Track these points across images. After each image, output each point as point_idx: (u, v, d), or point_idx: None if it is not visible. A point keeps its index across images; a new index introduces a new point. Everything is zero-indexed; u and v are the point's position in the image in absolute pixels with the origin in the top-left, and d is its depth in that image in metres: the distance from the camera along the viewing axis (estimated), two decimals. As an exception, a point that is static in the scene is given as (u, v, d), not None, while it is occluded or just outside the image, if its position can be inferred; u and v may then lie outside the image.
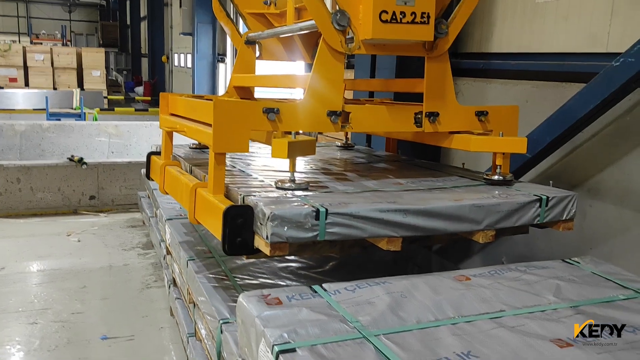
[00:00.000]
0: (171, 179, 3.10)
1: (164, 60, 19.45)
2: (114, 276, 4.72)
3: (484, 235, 2.33)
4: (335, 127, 2.48)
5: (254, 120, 2.33)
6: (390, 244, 2.14)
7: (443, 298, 1.72)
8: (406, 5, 2.37)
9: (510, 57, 4.06)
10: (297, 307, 1.64)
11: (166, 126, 3.23)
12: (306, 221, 2.01)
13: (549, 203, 2.47)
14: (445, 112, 2.72)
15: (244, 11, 3.55)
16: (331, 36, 2.42)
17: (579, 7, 3.49)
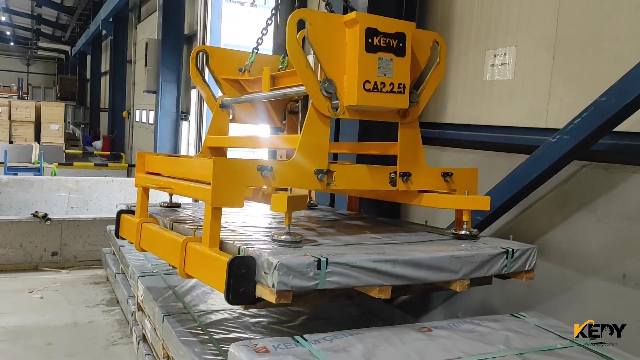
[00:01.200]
0: (151, 236, 3.20)
1: (125, 115, 19.56)
2: (79, 333, 4.72)
3: (461, 284, 2.54)
4: (322, 185, 2.68)
5: (249, 177, 2.48)
6: (381, 293, 2.30)
7: (409, 347, 1.97)
8: (385, 77, 2.67)
9: (462, 128, 4.47)
10: (283, 355, 1.85)
11: (143, 184, 3.39)
12: (309, 270, 2.15)
13: (514, 255, 2.74)
14: (416, 172, 2.99)
15: (219, 77, 3.78)
16: (319, 102, 2.65)
17: (521, 87, 3.94)
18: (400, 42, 2.69)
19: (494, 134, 4.13)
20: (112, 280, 5.59)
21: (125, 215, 3.68)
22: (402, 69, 2.73)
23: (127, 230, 3.61)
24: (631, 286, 3.14)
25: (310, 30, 2.56)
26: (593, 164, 3.40)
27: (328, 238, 2.81)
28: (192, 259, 2.60)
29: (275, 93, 3.26)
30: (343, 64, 2.66)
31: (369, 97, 2.64)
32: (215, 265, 2.35)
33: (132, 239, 3.45)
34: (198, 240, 2.62)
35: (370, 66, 2.62)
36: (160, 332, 3.26)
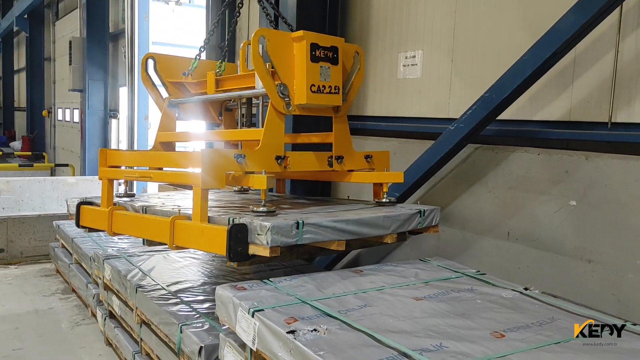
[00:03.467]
0: (127, 220, 3.72)
1: (45, 114, 19.09)
2: (42, 318, 5.11)
3: (390, 238, 3.30)
4: (280, 168, 3.30)
5: (228, 163, 3.05)
6: (338, 246, 2.97)
7: (347, 282, 2.68)
8: (325, 81, 3.35)
9: (381, 119, 5.24)
10: (257, 290, 2.50)
11: (109, 177, 3.90)
12: (291, 230, 2.77)
13: (425, 214, 3.52)
14: (347, 156, 3.71)
15: (166, 80, 4.29)
16: (277, 102, 3.27)
17: (428, 84, 4.74)
18: (334, 54, 3.41)
19: (407, 124, 4.93)
20: (66, 271, 5.94)
21: (86, 207, 4.11)
22: (337, 74, 3.43)
23: (91, 219, 4.04)
24: (513, 241, 4.01)
25: (268, 45, 3.19)
26: (483, 146, 4.24)
27: (289, 210, 3.46)
28: (182, 233, 3.16)
29: (232, 94, 3.84)
30: (292, 71, 3.31)
31: (315, 97, 3.31)
32: (213, 234, 2.92)
33: (100, 226, 3.91)
34: (184, 218, 3.21)
35: (315, 73, 3.29)
36: (134, 301, 3.78)
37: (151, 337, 3.61)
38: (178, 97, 4.25)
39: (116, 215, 3.78)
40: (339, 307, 2.35)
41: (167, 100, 4.23)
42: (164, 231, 3.24)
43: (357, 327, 2.14)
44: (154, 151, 3.99)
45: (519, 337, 2.13)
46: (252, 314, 2.25)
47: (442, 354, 1.94)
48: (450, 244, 4.50)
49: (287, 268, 4.32)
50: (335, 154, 3.65)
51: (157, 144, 4.18)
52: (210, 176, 2.98)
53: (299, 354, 1.98)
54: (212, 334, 2.99)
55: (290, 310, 2.29)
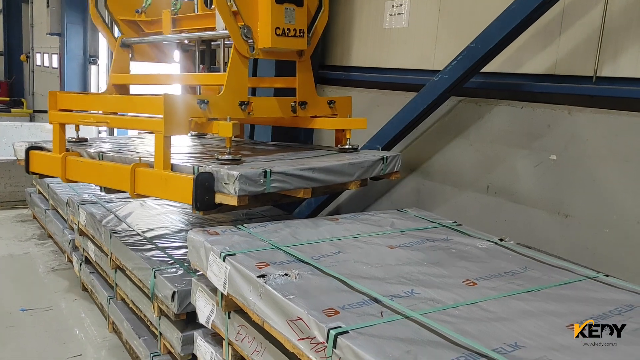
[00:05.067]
0: (84, 167, 3.55)
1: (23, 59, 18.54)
2: (18, 263, 5.07)
3: (355, 185, 3.27)
4: (244, 114, 3.17)
5: (191, 109, 2.93)
6: (305, 194, 2.95)
7: (322, 229, 2.65)
8: (290, 24, 3.23)
9: (365, 70, 5.13)
10: (230, 235, 2.46)
11: (61, 121, 3.65)
12: (259, 179, 2.71)
13: (387, 160, 3.51)
14: (310, 101, 3.63)
15: (117, 18, 4.09)
16: (240, 45, 3.13)
17: (414, 35, 4.63)
18: None
19: (391, 75, 4.83)
20: (42, 217, 5.87)
21: (36, 152, 3.87)
22: (301, 17, 3.29)
23: (42, 165, 3.83)
24: (492, 195, 4.00)
25: None
26: (467, 99, 4.18)
27: (252, 157, 3.37)
28: (144, 181, 3.04)
29: (191, 35, 3.68)
30: (256, 13, 3.15)
31: (280, 40, 3.19)
32: (177, 182, 2.83)
33: (53, 172, 3.72)
34: (144, 165, 3.08)
35: (279, 15, 3.15)
36: (108, 247, 3.74)
37: (126, 283, 3.59)
38: (131, 37, 4.05)
39: (70, 162, 3.60)
40: (312, 253, 2.32)
41: (119, 40, 4.01)
42: (124, 179, 3.11)
43: (329, 273, 2.12)
44: (110, 95, 3.82)
45: (490, 285, 2.13)
46: (224, 258, 2.21)
47: (413, 300, 1.93)
48: (429, 196, 4.49)
49: (265, 217, 4.29)
50: (299, 100, 3.57)
51: (111, 86, 4.01)
52: (173, 123, 2.88)
53: (268, 297, 1.95)
54: (185, 279, 2.97)
55: (263, 255, 2.26)
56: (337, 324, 1.71)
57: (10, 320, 3.93)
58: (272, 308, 1.94)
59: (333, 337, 1.65)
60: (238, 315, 2.26)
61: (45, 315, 4.06)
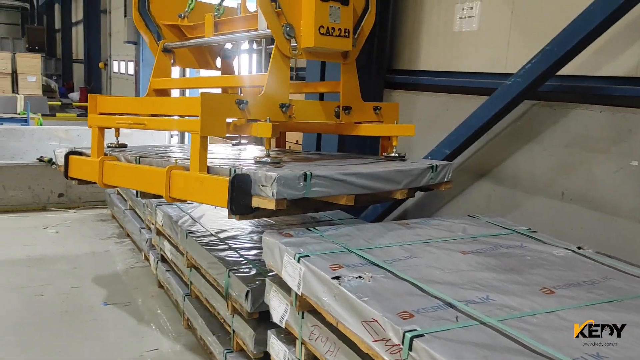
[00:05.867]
0: (120, 170, 3.49)
1: (102, 66, 19.56)
2: (99, 260, 5.36)
3: (401, 193, 3.06)
4: (284, 117, 3.05)
5: (229, 109, 2.80)
6: (347, 201, 2.77)
7: (394, 233, 2.67)
8: (335, 23, 3.07)
9: (434, 74, 5.09)
10: (303, 237, 2.52)
11: (100, 124, 3.62)
12: (298, 182, 2.57)
13: (437, 169, 3.32)
14: (355, 106, 3.47)
15: (160, 22, 4.01)
16: (282, 44, 3.01)
17: (486, 38, 4.55)
18: None
19: (461, 79, 4.76)
20: (121, 217, 6.18)
21: (75, 157, 3.86)
22: (347, 16, 3.15)
23: (80, 170, 3.81)
24: (568, 201, 3.88)
25: None
26: (541, 102, 4.07)
27: (296, 162, 3.31)
28: (179, 184, 2.95)
29: (232, 37, 3.60)
30: (300, 11, 3.02)
31: (323, 40, 3.04)
32: (213, 185, 2.71)
33: (91, 177, 3.67)
34: (180, 168, 3.00)
35: (324, 13, 3.01)
36: (184, 246, 3.90)
37: (200, 281, 3.73)
38: (173, 42, 3.98)
39: (107, 166, 3.54)
40: (384, 257, 2.35)
41: (161, 44, 3.96)
42: (159, 182, 3.01)
43: (402, 277, 2.13)
44: (148, 97, 3.77)
45: (569, 294, 2.07)
46: (298, 260, 2.28)
47: (488, 306, 1.91)
48: (500, 202, 4.39)
49: (333, 221, 4.34)
50: (343, 104, 3.42)
51: (151, 91, 3.93)
52: (210, 123, 2.76)
53: (343, 299, 1.99)
54: (258, 279, 3.06)
55: (336, 257, 2.31)
56: (412, 327, 1.72)
57: (93, 313, 4.17)
58: (346, 309, 1.97)
59: (409, 339, 1.66)
60: (312, 315, 2.32)
61: (124, 310, 4.28)
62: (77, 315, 4.13)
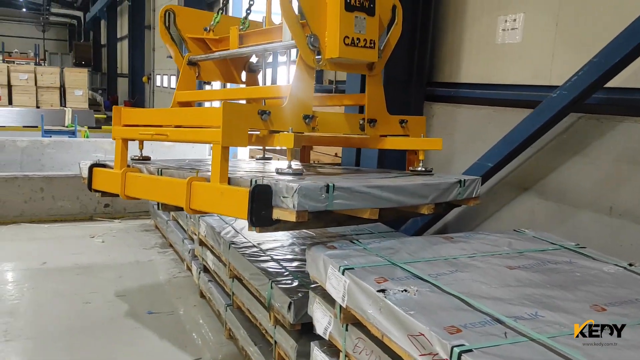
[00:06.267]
0: (142, 182, 3.46)
1: (145, 80, 20.11)
2: (143, 269, 5.49)
3: (428, 208, 2.96)
4: (308, 128, 3.01)
5: (251, 120, 2.77)
6: (371, 214, 2.70)
7: (438, 247, 2.66)
8: (360, 33, 3.01)
9: (475, 86, 5.05)
10: (347, 250, 2.53)
11: (124, 136, 3.64)
12: (320, 194, 2.51)
13: (465, 184, 3.22)
14: (380, 119, 3.41)
15: (185, 36, 4.00)
16: (307, 55, 2.97)
17: (529, 50, 4.50)
18: (371, 4, 3.07)
19: (504, 92, 4.71)
20: (164, 227, 6.32)
21: (99, 169, 3.88)
22: (373, 27, 3.09)
23: (103, 182, 3.82)
24: (616, 216, 3.78)
25: None
26: (587, 115, 3.99)
27: (319, 174, 3.29)
28: (200, 195, 2.90)
29: (256, 48, 3.58)
30: (324, 21, 2.98)
31: (348, 50, 2.98)
32: (234, 196, 2.66)
33: (113, 189, 3.66)
34: (201, 179, 2.96)
35: (349, 23, 2.96)
36: (227, 257, 3.97)
37: (242, 292, 3.78)
38: (198, 55, 3.98)
39: (130, 178, 3.52)
40: (429, 271, 2.34)
41: (186, 58, 3.97)
42: (179, 194, 2.98)
43: (448, 291, 2.12)
44: (171, 108, 3.79)
45: (621, 311, 2.02)
46: (343, 272, 2.29)
47: (538, 323, 1.88)
48: (545, 217, 4.31)
49: (372, 234, 4.34)
50: (368, 117, 3.36)
51: (175, 103, 3.93)
52: (232, 133, 2.71)
53: (389, 312, 1.99)
54: (300, 291, 3.08)
55: (380, 270, 2.31)
56: (460, 341, 1.71)
57: (138, 321, 4.27)
58: (392, 322, 1.97)
59: (457, 354, 1.65)
60: (356, 328, 2.32)
61: (167, 319, 4.36)
62: (123, 323, 4.23)
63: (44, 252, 5.76)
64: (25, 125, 14.02)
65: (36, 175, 7.02)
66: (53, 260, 5.54)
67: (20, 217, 6.89)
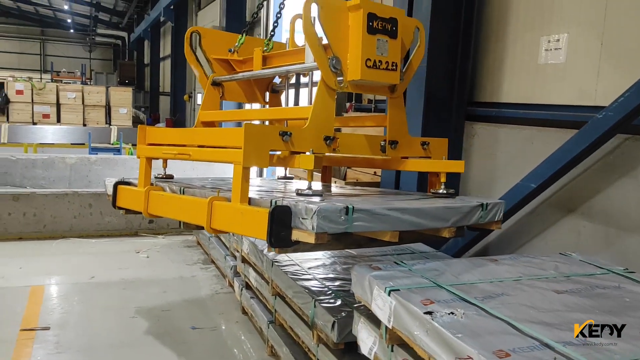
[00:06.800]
0: (164, 201, 3.52)
1: (186, 99, 20.62)
2: (186, 284, 5.61)
3: (449, 231, 2.96)
4: (329, 149, 3.02)
5: (272, 141, 2.81)
6: (392, 237, 2.67)
7: (482, 269, 2.66)
8: (382, 56, 3.02)
9: (517, 106, 5.02)
10: (392, 271, 2.57)
11: (148, 155, 3.72)
12: (340, 215, 2.51)
13: (488, 207, 3.17)
14: (402, 141, 3.41)
15: (210, 57, 4.04)
16: (328, 77, 2.99)
17: (573, 70, 4.47)
18: (393, 26, 3.08)
19: (547, 112, 4.67)
20: (206, 243, 6.45)
21: (123, 187, 3.96)
22: (395, 49, 3.11)
23: (127, 200, 3.89)
24: (666, 240, 3.69)
25: (321, 13, 2.88)
26: (635, 136, 3.93)
27: (337, 196, 3.31)
28: (221, 215, 2.94)
29: (279, 70, 3.63)
30: (346, 43, 3.00)
31: (370, 73, 3.00)
32: (253, 216, 2.69)
33: (137, 207, 3.71)
34: (222, 199, 2.99)
35: (371, 46, 2.97)
36: (269, 274, 4.03)
37: (285, 309, 3.83)
38: (222, 75, 4.03)
39: (153, 196, 3.58)
40: (475, 294, 2.35)
41: (210, 78, 4.02)
42: (200, 213, 3.02)
43: (495, 314, 2.12)
44: (194, 128, 3.86)
45: (675, 339, 1.99)
46: (389, 293, 2.32)
47: (588, 349, 1.87)
48: (591, 240, 4.23)
49: (414, 254, 4.34)
50: (390, 139, 3.36)
51: (199, 123, 3.96)
52: (253, 153, 2.76)
53: (436, 334, 2.01)
54: (344, 310, 3.12)
55: (426, 292, 2.33)
56: (509, 366, 1.72)
57: (183, 336, 4.37)
58: (439, 345, 1.99)
59: (507, 379, 1.66)
60: (401, 349, 2.34)
61: (210, 334, 4.45)
62: (168, 337, 4.33)
63: (92, 267, 5.96)
64: (73, 142, 14.55)
65: (85, 191, 7.29)
66: (101, 275, 5.72)
67: (69, 231, 7.15)
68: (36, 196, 7.12)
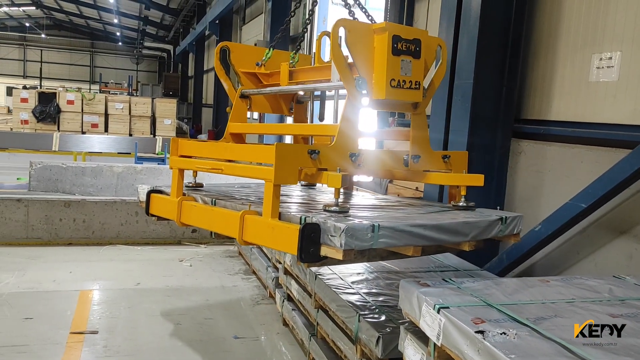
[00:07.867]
0: (197, 211, 3.61)
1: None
2: (228, 294, 5.69)
3: (469, 245, 3.05)
4: (354, 166, 3.14)
5: (301, 159, 2.92)
6: (415, 252, 2.80)
7: (534, 290, 2.61)
8: (406, 76, 3.15)
9: (567, 124, 4.93)
10: (441, 288, 2.55)
11: (180, 166, 3.79)
12: (366, 233, 2.63)
13: (507, 221, 3.24)
14: (424, 155, 3.52)
15: (238, 70, 4.13)
16: (354, 96, 3.10)
17: (626, 88, 4.37)
18: (416, 47, 3.20)
19: (598, 131, 4.58)
20: (248, 254, 6.53)
21: (156, 195, 4.06)
22: (418, 69, 3.23)
23: (160, 208, 3.99)
24: None
25: (348, 36, 3.00)
26: (692, 158, 3.81)
27: (360, 209, 3.36)
28: (252, 229, 3.05)
29: (306, 87, 3.75)
30: (372, 64, 3.12)
31: (394, 92, 3.13)
32: (284, 232, 2.80)
33: (170, 216, 3.83)
34: (253, 213, 3.10)
35: (395, 67, 3.10)
36: (312, 287, 4.06)
37: (327, 323, 3.84)
38: (250, 88, 4.15)
39: (185, 206, 3.68)
40: (526, 314, 2.31)
41: (239, 91, 4.13)
42: (233, 225, 3.14)
43: (549, 336, 2.09)
44: (225, 142, 3.95)
45: None
46: (438, 310, 2.31)
47: (647, 376, 1.82)
48: (643, 262, 4.11)
49: (457, 271, 4.30)
50: (412, 153, 3.48)
51: (228, 134, 4.10)
52: (283, 172, 2.88)
53: (488, 354, 1.99)
54: (388, 325, 3.11)
55: (476, 311, 2.31)
56: (565, 390, 1.69)
57: (225, 345, 4.43)
58: (491, 365, 1.97)
59: (563, 403, 1.63)
60: (450, 368, 2.33)
61: (252, 344, 4.49)
62: (212, 345, 4.40)
63: (137, 273, 6.10)
64: (120, 151, 14.98)
65: (132, 199, 7.48)
66: (146, 281, 5.85)
67: (116, 238, 7.35)
68: (86, 203, 7.36)
